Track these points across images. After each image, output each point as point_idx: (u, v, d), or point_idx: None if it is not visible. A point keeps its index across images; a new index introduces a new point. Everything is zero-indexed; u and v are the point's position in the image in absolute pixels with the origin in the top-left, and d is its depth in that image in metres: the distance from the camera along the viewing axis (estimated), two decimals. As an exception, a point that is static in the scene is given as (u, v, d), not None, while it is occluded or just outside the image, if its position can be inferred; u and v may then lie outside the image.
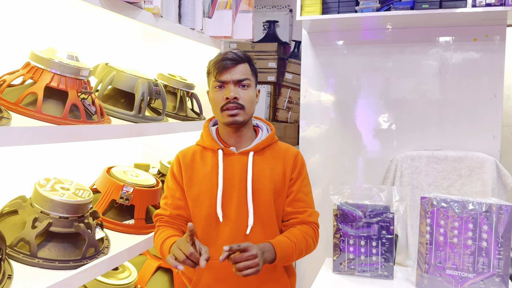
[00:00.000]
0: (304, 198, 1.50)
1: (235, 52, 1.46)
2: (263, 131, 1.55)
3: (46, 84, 1.40)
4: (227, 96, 1.42)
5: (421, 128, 2.67)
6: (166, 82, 2.16)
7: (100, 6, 1.51)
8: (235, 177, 1.43)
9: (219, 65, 1.43)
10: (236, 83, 1.44)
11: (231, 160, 1.46)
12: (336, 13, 2.49)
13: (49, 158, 1.84)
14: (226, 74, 1.43)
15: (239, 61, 1.45)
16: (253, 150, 1.47)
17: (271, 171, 1.47)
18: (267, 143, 1.50)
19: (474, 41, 2.57)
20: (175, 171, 1.51)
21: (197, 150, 1.52)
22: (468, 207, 1.46)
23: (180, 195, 1.50)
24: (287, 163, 1.50)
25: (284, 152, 1.52)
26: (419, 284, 1.53)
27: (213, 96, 1.46)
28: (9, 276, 1.23)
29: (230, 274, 1.39)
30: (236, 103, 1.42)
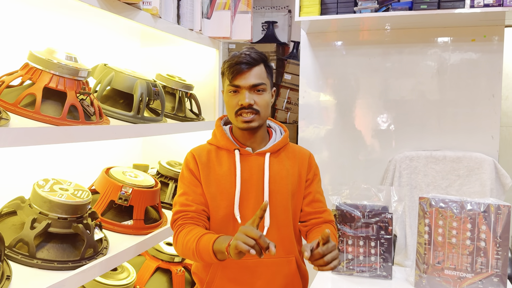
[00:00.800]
0: (321, 198, 1.52)
1: (250, 54, 1.42)
2: (276, 132, 1.54)
3: (44, 85, 1.40)
4: (242, 103, 1.40)
5: (420, 128, 2.68)
6: (165, 83, 2.16)
7: (99, 7, 1.51)
8: (253, 178, 1.42)
9: (234, 69, 1.40)
10: (251, 88, 1.41)
11: (248, 160, 1.45)
12: (334, 13, 2.49)
13: (47, 159, 1.84)
14: (241, 79, 1.40)
15: (254, 64, 1.41)
16: (269, 151, 1.47)
17: (287, 172, 1.47)
18: (282, 145, 1.50)
19: (472, 41, 2.58)
20: (193, 168, 1.47)
21: (211, 150, 1.50)
22: (467, 207, 1.47)
23: (201, 191, 1.46)
24: (302, 164, 1.50)
25: (298, 154, 1.52)
26: (418, 284, 1.53)
27: (227, 100, 1.45)
28: (8, 277, 1.23)
29: (244, 274, 1.40)
30: (251, 108, 1.40)
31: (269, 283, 1.42)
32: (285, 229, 1.45)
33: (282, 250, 1.44)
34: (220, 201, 1.43)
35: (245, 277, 1.41)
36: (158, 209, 1.95)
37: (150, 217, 1.89)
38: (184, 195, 1.45)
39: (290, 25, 4.32)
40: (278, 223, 1.43)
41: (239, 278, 1.42)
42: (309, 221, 1.50)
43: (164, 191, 2.14)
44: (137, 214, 1.79)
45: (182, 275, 2.10)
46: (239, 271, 1.42)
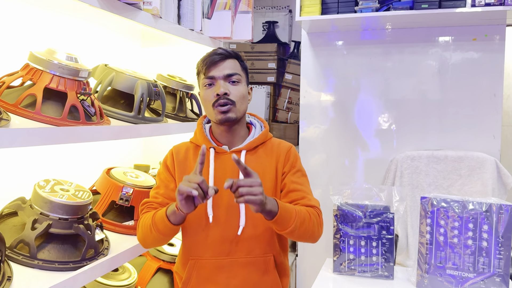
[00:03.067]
0: (299, 187, 1.43)
1: (223, 48, 1.44)
2: (256, 129, 1.51)
3: (45, 86, 1.40)
4: (217, 92, 1.38)
5: (421, 128, 2.67)
6: (166, 83, 2.16)
7: (99, 7, 1.51)
8: (227, 176, 1.34)
9: (208, 61, 1.41)
10: (226, 78, 1.41)
11: (223, 159, 1.43)
12: (335, 13, 2.49)
13: (48, 160, 1.84)
14: (215, 70, 1.40)
15: (227, 56, 1.42)
16: (245, 148, 1.44)
17: (263, 169, 1.42)
18: (260, 141, 1.47)
19: (473, 40, 2.57)
20: (169, 165, 1.48)
21: (190, 147, 1.50)
22: (468, 207, 1.46)
23: (174, 187, 1.45)
24: (279, 159, 1.46)
25: (276, 149, 1.48)
26: (420, 284, 1.53)
27: (203, 94, 1.44)
28: (9, 278, 1.23)
29: (219, 274, 1.39)
30: (226, 98, 1.38)
31: (244, 281, 1.40)
32: (261, 227, 1.41)
33: (259, 249, 1.41)
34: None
35: (220, 276, 1.39)
36: (159, 209, 1.95)
37: (151, 218, 1.89)
38: (157, 188, 1.47)
39: (291, 25, 4.32)
40: (254, 222, 1.40)
41: (214, 278, 1.40)
42: None
43: (165, 191, 2.14)
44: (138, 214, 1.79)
45: (183, 275, 2.10)
46: (214, 271, 1.40)
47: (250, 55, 3.97)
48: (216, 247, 1.40)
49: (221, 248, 1.39)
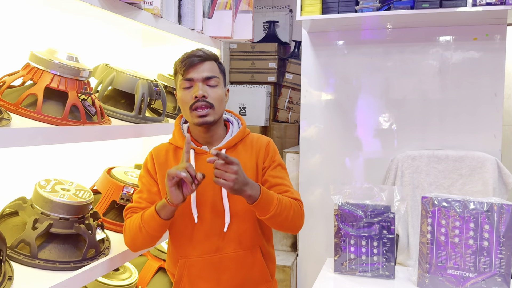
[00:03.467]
0: (280, 181, 1.45)
1: (202, 49, 1.43)
2: (233, 126, 1.51)
3: (46, 85, 1.40)
4: (196, 95, 1.38)
5: (422, 127, 2.67)
6: (166, 83, 2.15)
7: (100, 7, 1.51)
8: (209, 177, 1.32)
9: (186, 62, 1.40)
10: (204, 80, 1.40)
11: (203, 159, 1.40)
12: (336, 13, 2.49)
13: (49, 159, 1.84)
14: (194, 72, 1.40)
15: (206, 58, 1.42)
16: (225, 147, 1.45)
17: (244, 166, 1.41)
18: (238, 139, 1.47)
19: (474, 40, 2.57)
20: (150, 168, 1.49)
21: (169, 149, 1.51)
22: (469, 207, 1.46)
23: (156, 191, 1.47)
24: (259, 154, 1.47)
25: (255, 144, 1.48)
26: (421, 284, 1.52)
27: (181, 96, 1.42)
28: (10, 278, 1.23)
29: (209, 270, 1.42)
30: (205, 101, 1.38)
31: (234, 275, 1.43)
32: (246, 223, 1.43)
33: (245, 242, 1.44)
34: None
35: (211, 273, 1.42)
36: (160, 209, 1.95)
37: (152, 217, 1.89)
38: (139, 193, 1.48)
39: (291, 24, 4.31)
40: (239, 218, 1.42)
41: (205, 275, 1.43)
42: None
43: (165, 191, 2.14)
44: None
45: (184, 275, 2.10)
46: (205, 268, 1.43)
47: (250, 55, 3.97)
48: (204, 245, 1.42)
49: (209, 246, 1.41)
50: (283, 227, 1.42)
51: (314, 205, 2.85)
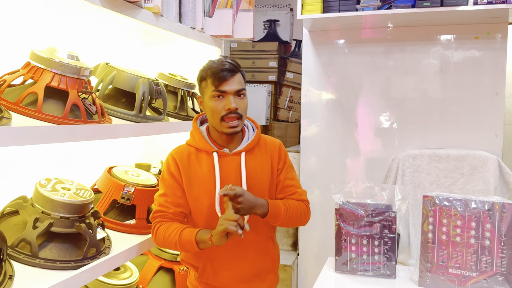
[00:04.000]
0: (291, 183, 1.65)
1: (231, 62, 1.54)
2: (249, 131, 1.66)
3: (46, 84, 1.39)
4: (229, 107, 1.51)
5: (423, 126, 2.67)
6: (167, 82, 2.15)
7: (101, 6, 1.50)
8: (231, 177, 1.54)
9: (220, 77, 1.51)
10: (236, 93, 1.53)
11: (225, 161, 1.57)
12: (337, 11, 2.48)
13: (49, 158, 1.84)
14: (226, 85, 1.51)
15: (235, 71, 1.54)
16: (244, 150, 1.59)
17: (261, 167, 1.60)
18: (255, 143, 1.62)
19: (475, 39, 2.56)
20: (173, 171, 1.58)
21: (191, 152, 1.60)
22: (471, 206, 1.46)
23: (181, 194, 1.58)
24: (273, 156, 1.63)
25: (269, 147, 1.64)
26: (422, 283, 1.52)
27: (212, 105, 1.53)
28: (10, 277, 1.23)
29: (231, 260, 1.59)
30: (236, 113, 1.52)
31: (252, 264, 1.61)
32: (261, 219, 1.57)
33: (260, 233, 1.62)
34: (203, 200, 1.56)
35: (232, 262, 1.59)
36: (161, 208, 1.95)
37: (152, 216, 1.89)
38: (164, 196, 1.58)
39: (292, 23, 4.31)
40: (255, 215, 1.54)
41: (227, 264, 1.60)
42: None
43: (166, 190, 2.13)
44: (140, 213, 1.79)
45: (185, 274, 2.10)
46: (227, 258, 1.59)
47: (251, 54, 3.97)
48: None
49: (230, 240, 1.49)
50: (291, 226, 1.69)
51: (315, 204, 2.84)
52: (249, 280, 1.62)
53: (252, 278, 1.63)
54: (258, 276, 1.64)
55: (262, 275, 1.65)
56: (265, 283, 1.67)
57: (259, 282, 1.65)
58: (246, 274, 1.61)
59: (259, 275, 1.64)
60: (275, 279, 1.73)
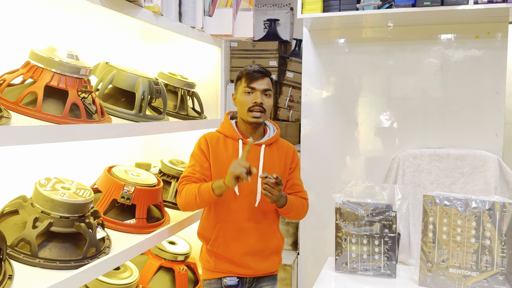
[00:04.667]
0: (298, 182, 1.94)
1: (263, 68, 1.85)
2: (270, 129, 1.94)
3: (46, 83, 1.39)
4: (256, 101, 1.79)
5: (423, 126, 2.66)
6: (167, 81, 2.15)
7: (100, 5, 1.50)
8: (250, 162, 1.71)
9: (251, 76, 1.81)
10: (263, 91, 1.81)
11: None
12: (337, 11, 2.48)
13: (49, 158, 1.83)
14: (256, 83, 1.81)
15: (266, 74, 1.84)
16: (264, 143, 1.86)
17: (275, 161, 1.87)
18: (274, 139, 1.90)
19: (476, 38, 2.56)
20: (204, 148, 1.84)
21: (220, 137, 1.86)
22: (471, 205, 1.46)
23: (207, 166, 1.82)
24: (288, 157, 1.92)
25: (285, 148, 1.93)
26: (422, 282, 1.52)
27: (242, 99, 1.83)
28: (10, 276, 1.22)
29: (240, 234, 1.81)
30: (261, 107, 1.80)
31: (258, 241, 1.83)
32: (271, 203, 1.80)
33: (268, 217, 1.86)
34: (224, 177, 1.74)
35: (241, 236, 1.82)
36: (161, 207, 1.95)
37: (152, 216, 1.89)
38: (192, 166, 1.83)
39: (292, 22, 4.31)
40: (266, 198, 1.76)
41: (237, 237, 1.82)
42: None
43: (166, 189, 2.14)
44: (140, 213, 1.79)
45: (185, 273, 2.10)
46: (237, 232, 1.81)
47: (251, 53, 3.96)
48: (239, 214, 1.81)
49: (242, 215, 1.81)
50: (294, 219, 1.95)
51: (315, 204, 2.84)
52: (253, 255, 1.82)
53: (256, 253, 1.83)
54: (262, 254, 1.84)
55: (265, 254, 1.85)
56: (267, 263, 1.87)
57: (262, 259, 1.85)
58: (251, 248, 1.82)
59: (263, 253, 1.84)
60: (277, 262, 1.91)
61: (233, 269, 1.83)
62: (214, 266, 1.85)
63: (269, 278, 1.90)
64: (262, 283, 1.89)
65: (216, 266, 1.84)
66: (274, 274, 1.93)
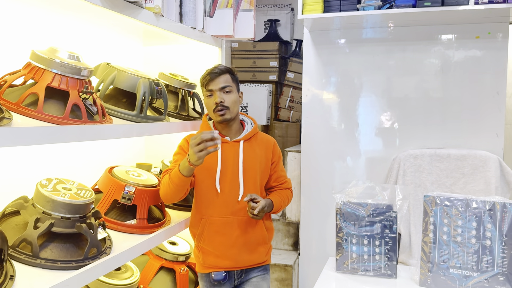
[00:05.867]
0: (282, 174, 2.02)
1: (218, 67, 1.90)
2: (248, 125, 1.99)
3: (47, 84, 1.39)
4: (216, 101, 1.85)
5: (424, 126, 2.66)
6: (168, 82, 2.15)
7: (101, 6, 1.50)
8: (230, 159, 1.87)
9: (207, 78, 1.88)
10: (221, 89, 1.86)
11: (226, 146, 1.89)
12: (337, 11, 2.48)
13: (50, 158, 1.84)
14: (211, 85, 1.87)
15: (221, 73, 1.87)
16: (243, 139, 1.91)
17: (256, 155, 1.92)
18: (252, 134, 1.95)
19: (476, 38, 2.56)
20: (185, 148, 1.90)
21: None
22: (472, 206, 1.46)
23: None
24: (268, 150, 1.97)
25: (265, 141, 1.99)
26: (423, 283, 1.52)
27: (206, 102, 1.92)
28: (11, 277, 1.23)
29: (224, 227, 1.86)
30: (222, 105, 1.85)
31: (242, 234, 1.88)
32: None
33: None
34: (205, 176, 1.87)
35: (225, 230, 1.87)
36: (162, 208, 1.95)
37: (153, 217, 1.89)
38: (174, 162, 1.88)
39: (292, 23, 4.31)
40: (249, 192, 1.87)
41: (221, 231, 1.87)
42: (274, 189, 2.00)
43: (167, 190, 2.13)
44: (141, 213, 1.79)
45: (186, 274, 2.10)
46: (221, 226, 1.87)
47: (252, 54, 3.97)
48: (222, 209, 1.86)
49: (226, 210, 1.86)
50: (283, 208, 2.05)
51: (315, 204, 2.84)
52: (238, 248, 1.87)
53: (241, 246, 1.88)
54: (248, 246, 1.89)
55: (251, 246, 1.90)
56: (254, 255, 1.92)
57: (248, 251, 1.90)
58: (236, 241, 1.87)
59: (248, 246, 1.89)
60: (265, 253, 1.96)
61: (220, 263, 1.88)
62: (203, 262, 1.91)
63: (259, 269, 1.95)
64: (251, 274, 1.93)
65: (204, 261, 1.90)
66: (264, 265, 1.97)
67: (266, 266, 1.99)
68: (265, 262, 1.97)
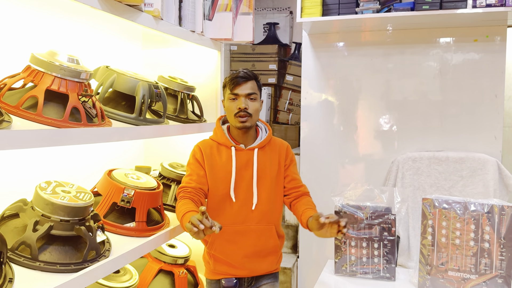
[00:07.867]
0: (297, 177, 1.96)
1: (246, 72, 1.86)
2: (262, 131, 1.96)
3: (46, 87, 1.40)
4: (240, 107, 1.82)
5: (422, 129, 2.67)
6: (167, 85, 2.16)
7: (100, 9, 1.51)
8: (244, 168, 1.85)
9: (234, 81, 1.84)
10: (246, 96, 1.83)
11: (241, 154, 1.87)
12: (336, 14, 2.49)
13: (50, 161, 1.84)
14: (239, 89, 1.83)
15: (249, 78, 1.85)
16: (257, 147, 1.89)
17: (270, 162, 1.90)
18: (267, 141, 1.93)
19: (474, 41, 2.57)
20: (199, 158, 1.88)
21: (213, 145, 1.91)
22: (470, 208, 1.46)
23: (203, 174, 1.86)
24: (281, 155, 1.94)
25: (278, 146, 1.96)
26: (421, 285, 1.52)
27: (228, 105, 1.87)
28: (10, 280, 1.23)
29: (236, 236, 1.84)
30: (246, 112, 1.82)
31: (254, 243, 1.86)
32: (268, 205, 1.87)
33: (265, 220, 1.87)
34: (220, 184, 1.85)
35: (238, 238, 1.85)
36: (161, 211, 1.95)
37: (152, 219, 1.89)
38: (189, 176, 1.86)
39: (291, 26, 4.32)
40: (263, 201, 1.85)
41: (233, 239, 1.86)
42: (291, 194, 1.93)
43: (166, 193, 2.14)
44: (140, 216, 1.79)
45: (185, 277, 2.10)
46: (234, 234, 1.85)
47: (251, 57, 3.97)
48: (235, 217, 1.84)
49: (239, 218, 1.84)
50: None
51: (314, 207, 2.84)
52: (250, 257, 1.86)
53: (253, 255, 1.86)
54: (259, 255, 1.87)
55: (263, 254, 1.88)
56: (265, 263, 1.90)
57: (259, 260, 1.88)
58: (248, 251, 1.85)
59: (260, 254, 1.87)
60: (276, 261, 1.94)
61: (231, 271, 1.88)
62: (213, 268, 1.91)
63: (269, 276, 1.94)
64: (261, 281, 1.93)
65: (215, 268, 1.90)
66: (274, 272, 1.96)
67: (276, 274, 1.99)
68: (275, 270, 1.96)
